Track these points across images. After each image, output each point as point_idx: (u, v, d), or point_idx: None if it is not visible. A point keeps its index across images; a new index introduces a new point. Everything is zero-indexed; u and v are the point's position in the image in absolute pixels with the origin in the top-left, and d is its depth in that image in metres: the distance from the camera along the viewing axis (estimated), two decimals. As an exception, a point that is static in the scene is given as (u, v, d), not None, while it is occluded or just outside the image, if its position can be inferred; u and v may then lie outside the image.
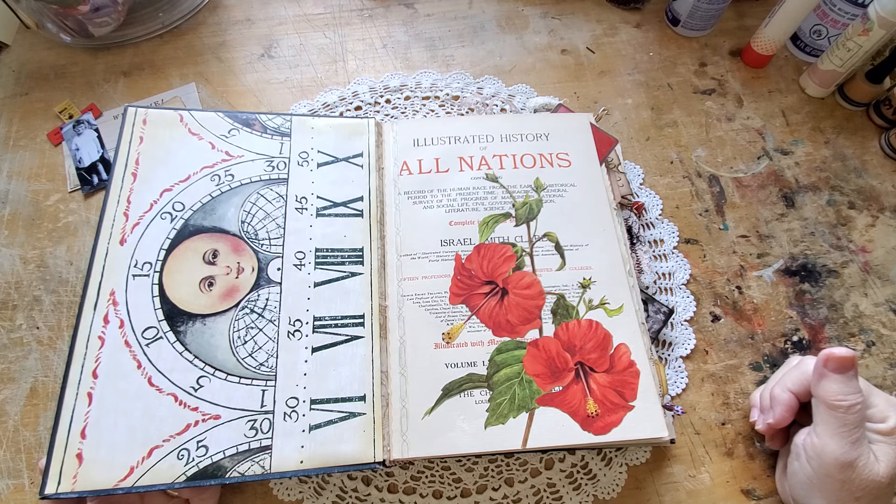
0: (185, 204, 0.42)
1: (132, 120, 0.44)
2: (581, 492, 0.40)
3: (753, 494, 0.40)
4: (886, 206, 0.51)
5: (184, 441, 0.34)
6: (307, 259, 0.41)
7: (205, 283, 0.39)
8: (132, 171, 0.42)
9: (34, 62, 0.57)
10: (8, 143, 0.53)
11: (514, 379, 0.38)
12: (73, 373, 0.35)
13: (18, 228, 0.49)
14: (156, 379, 0.36)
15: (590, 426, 0.36)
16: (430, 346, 0.39)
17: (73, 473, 0.33)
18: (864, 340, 0.46)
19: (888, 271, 0.48)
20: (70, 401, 0.35)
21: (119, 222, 0.40)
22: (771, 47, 0.56)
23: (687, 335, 0.45)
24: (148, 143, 0.43)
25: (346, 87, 0.56)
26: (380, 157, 0.47)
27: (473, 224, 0.44)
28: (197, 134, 0.44)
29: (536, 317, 0.40)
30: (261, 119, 0.46)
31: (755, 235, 0.50)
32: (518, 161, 0.47)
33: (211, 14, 0.61)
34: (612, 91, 0.57)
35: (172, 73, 0.57)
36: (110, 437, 0.34)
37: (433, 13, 0.62)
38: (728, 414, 0.43)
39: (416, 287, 0.41)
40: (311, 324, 0.39)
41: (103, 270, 0.38)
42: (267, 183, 0.43)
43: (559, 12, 0.62)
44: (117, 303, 0.38)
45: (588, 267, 0.42)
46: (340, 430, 0.36)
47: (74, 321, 0.38)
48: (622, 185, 0.47)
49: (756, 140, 0.55)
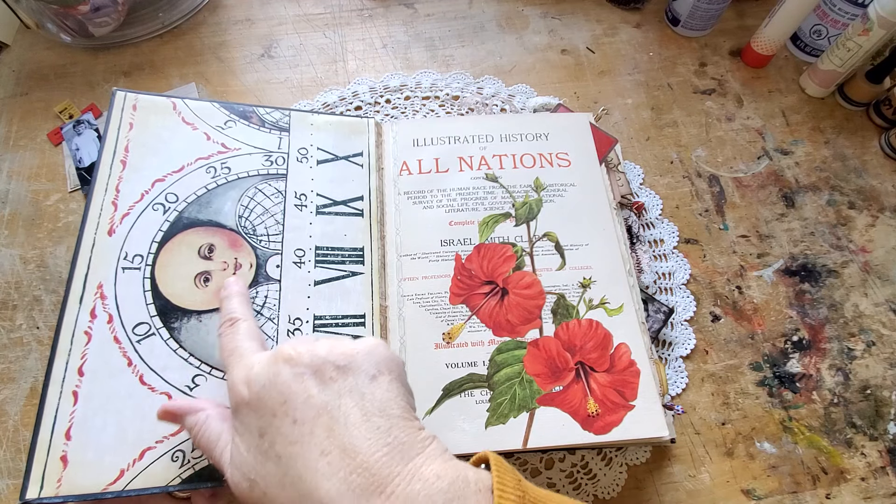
0: (179, 195, 0.40)
1: (121, 104, 0.41)
2: (581, 492, 0.40)
3: (753, 494, 0.40)
4: (886, 206, 0.51)
5: (179, 442, 0.33)
6: (307, 257, 0.41)
7: (200, 278, 0.38)
8: (121, 158, 0.40)
9: (34, 62, 0.57)
10: (8, 143, 0.53)
11: (515, 379, 0.38)
12: (56, 370, 0.33)
13: (18, 228, 0.49)
14: (148, 377, 0.34)
15: (590, 426, 0.36)
16: (430, 346, 0.39)
17: (58, 477, 0.31)
18: (864, 340, 0.46)
19: (888, 271, 0.48)
20: (53, 399, 0.32)
21: (107, 211, 0.38)
22: (771, 47, 0.56)
23: (687, 335, 0.45)
24: (138, 130, 0.41)
25: (346, 87, 0.56)
26: (380, 156, 0.47)
27: (473, 224, 0.44)
28: (191, 123, 0.43)
29: (537, 317, 0.40)
30: (258, 112, 0.45)
31: (755, 235, 0.50)
32: (518, 161, 0.47)
33: (211, 14, 0.61)
34: (612, 91, 0.57)
35: (172, 73, 0.57)
36: (98, 439, 0.32)
37: (433, 13, 0.62)
38: (728, 414, 0.43)
39: (416, 287, 0.41)
40: (312, 323, 0.39)
41: (90, 262, 0.36)
42: (265, 178, 0.42)
43: (559, 12, 0.62)
44: (105, 297, 0.36)
45: (588, 267, 0.42)
46: None
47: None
48: (622, 185, 0.47)
49: (756, 140, 0.55)
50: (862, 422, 0.43)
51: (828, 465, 0.41)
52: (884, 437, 0.42)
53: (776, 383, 0.44)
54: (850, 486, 0.41)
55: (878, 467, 0.41)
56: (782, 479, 0.41)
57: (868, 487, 0.41)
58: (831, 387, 0.44)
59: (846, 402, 0.43)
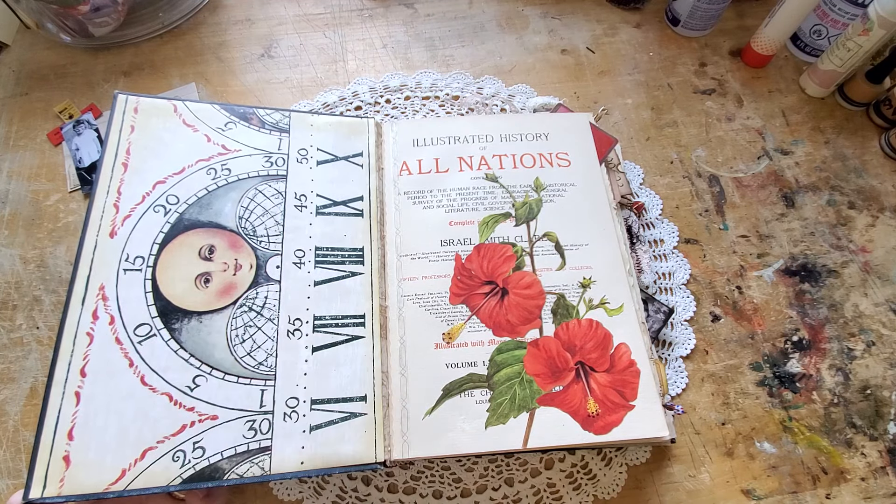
0: (180, 197, 0.40)
1: (122, 107, 0.42)
2: (581, 492, 0.40)
3: (753, 494, 0.40)
4: (886, 206, 0.51)
5: (179, 442, 0.33)
6: (307, 257, 0.41)
7: (201, 279, 0.38)
8: (123, 160, 0.40)
9: (34, 62, 0.57)
10: (8, 143, 0.53)
11: (515, 379, 0.38)
12: (58, 371, 0.34)
13: (18, 228, 0.49)
14: (149, 378, 0.35)
15: (590, 426, 0.36)
16: (430, 346, 0.39)
17: (60, 477, 0.31)
18: (864, 340, 0.46)
19: (888, 271, 0.48)
20: (56, 400, 0.33)
21: (109, 214, 0.38)
22: (771, 47, 0.56)
23: (687, 335, 0.45)
24: (140, 133, 0.42)
25: (346, 87, 0.56)
26: (379, 157, 0.47)
27: (473, 224, 0.44)
28: (192, 125, 0.43)
29: (537, 316, 0.40)
30: (258, 113, 0.45)
31: (755, 235, 0.50)
32: (518, 161, 0.47)
33: (211, 14, 0.61)
34: (612, 91, 0.57)
35: (172, 73, 0.57)
36: (100, 439, 0.33)
37: (433, 13, 0.62)
38: (728, 414, 0.43)
39: (416, 287, 0.41)
40: (312, 323, 0.39)
41: (91, 264, 0.37)
42: (265, 179, 0.43)
43: (559, 12, 0.62)
44: (107, 298, 0.36)
45: (588, 266, 0.42)
46: (341, 431, 0.36)
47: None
48: (622, 185, 0.47)
49: (756, 140, 0.55)
50: (862, 422, 0.43)
51: (828, 465, 0.41)
52: (884, 437, 0.42)
53: (776, 383, 0.44)
54: (850, 486, 0.41)
55: (878, 467, 0.41)
56: (782, 479, 0.41)
57: (868, 487, 0.41)
58: (831, 387, 0.44)
59: (846, 402, 0.43)
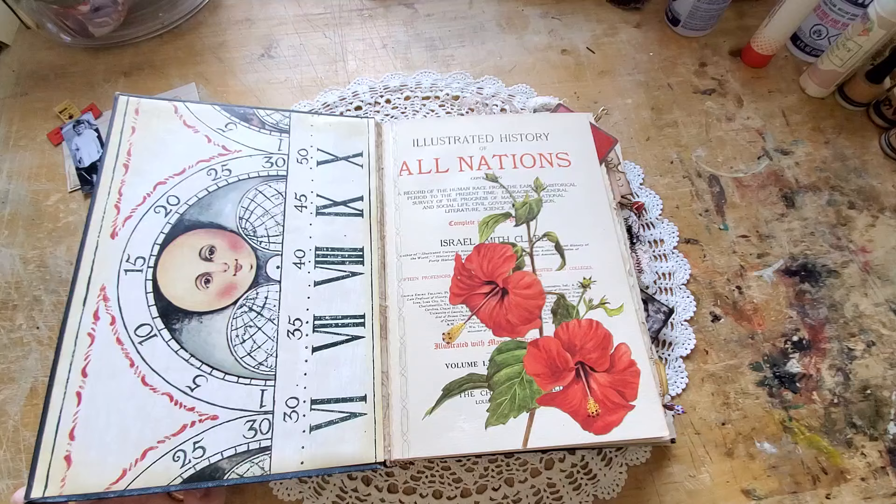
0: (180, 198, 0.41)
1: (124, 109, 0.42)
2: (581, 492, 0.40)
3: (753, 494, 0.40)
4: (886, 206, 0.51)
5: (180, 442, 0.34)
6: (307, 258, 0.41)
7: (201, 279, 0.38)
8: (124, 162, 0.40)
9: (34, 62, 0.57)
10: (8, 143, 0.53)
11: (515, 379, 0.38)
12: (60, 371, 0.34)
13: (18, 228, 0.49)
14: (150, 378, 0.35)
15: (590, 426, 0.36)
16: (430, 346, 0.39)
17: (62, 476, 0.32)
18: (864, 340, 0.46)
19: (888, 271, 0.48)
20: (57, 400, 0.33)
21: (110, 215, 0.39)
22: (771, 47, 0.56)
23: (687, 335, 0.45)
24: (140, 134, 0.42)
25: (346, 87, 0.56)
26: (379, 157, 0.47)
27: (473, 224, 0.44)
28: (192, 126, 0.43)
29: (537, 317, 0.40)
30: (258, 114, 0.45)
31: (755, 235, 0.50)
32: (518, 161, 0.47)
33: (211, 14, 0.61)
34: (612, 91, 0.57)
35: (172, 73, 0.57)
36: (101, 439, 0.33)
37: (433, 13, 0.62)
38: (728, 414, 0.43)
39: (416, 287, 0.41)
40: (312, 323, 0.39)
41: (93, 264, 0.37)
42: (265, 179, 0.43)
43: (559, 12, 0.62)
44: (108, 298, 0.36)
45: (588, 267, 0.42)
46: (341, 431, 0.36)
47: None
48: (622, 185, 0.47)
49: (756, 140, 0.55)
50: (862, 422, 0.43)
51: (828, 466, 0.41)
52: (884, 437, 0.42)
53: (776, 383, 0.44)
54: (850, 486, 0.41)
55: (878, 467, 0.41)
56: (782, 479, 0.41)
57: (868, 487, 0.41)
58: (831, 387, 0.44)
59: (846, 402, 0.43)
